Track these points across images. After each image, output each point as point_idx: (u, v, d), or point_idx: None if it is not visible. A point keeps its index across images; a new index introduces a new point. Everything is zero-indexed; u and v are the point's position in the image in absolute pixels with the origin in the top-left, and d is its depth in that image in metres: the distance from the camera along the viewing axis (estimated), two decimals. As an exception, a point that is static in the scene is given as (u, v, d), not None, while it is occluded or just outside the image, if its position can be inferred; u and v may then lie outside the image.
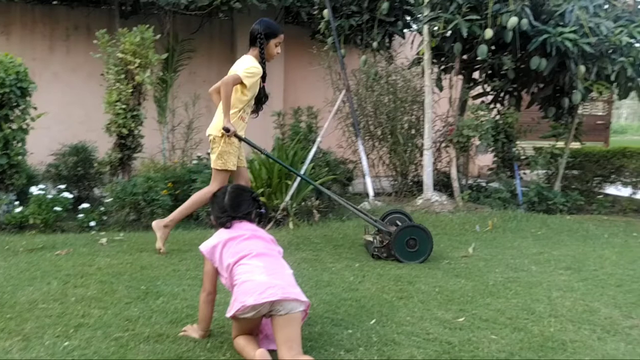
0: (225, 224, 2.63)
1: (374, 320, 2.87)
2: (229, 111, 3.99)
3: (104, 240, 4.53)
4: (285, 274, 2.50)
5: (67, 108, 8.12)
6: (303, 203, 5.45)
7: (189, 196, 5.67)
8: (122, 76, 5.59)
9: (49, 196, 5.07)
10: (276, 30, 4.17)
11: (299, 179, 5.35)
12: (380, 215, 4.62)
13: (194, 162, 6.47)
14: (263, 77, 4.14)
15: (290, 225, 5.16)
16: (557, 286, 3.55)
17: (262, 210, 2.79)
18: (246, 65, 4.02)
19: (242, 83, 4.00)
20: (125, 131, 5.65)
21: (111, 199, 5.26)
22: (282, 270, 2.51)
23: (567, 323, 2.90)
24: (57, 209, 5.00)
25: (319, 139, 6.05)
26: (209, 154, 4.40)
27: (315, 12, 7.25)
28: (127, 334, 2.63)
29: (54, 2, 8.43)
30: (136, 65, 5.56)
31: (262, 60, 4.11)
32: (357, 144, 6.71)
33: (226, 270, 2.52)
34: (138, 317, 2.84)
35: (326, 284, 3.49)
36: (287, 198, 5.29)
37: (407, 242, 4.09)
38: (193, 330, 2.66)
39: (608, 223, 5.84)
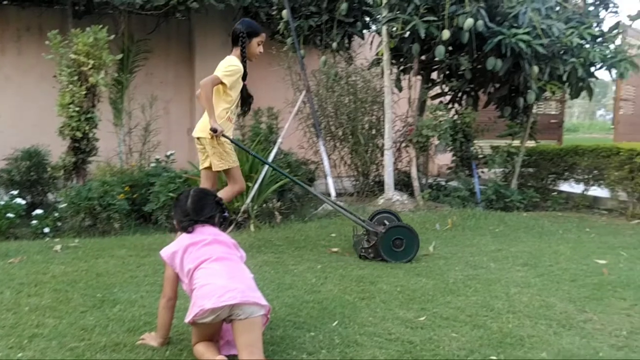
0: (187, 228, 2.58)
1: (336, 322, 2.87)
2: (213, 112, 3.98)
3: (58, 247, 4.39)
4: (246, 277, 2.47)
5: (19, 111, 7.84)
6: (264, 205, 5.41)
7: (148, 200, 5.59)
8: (75, 78, 5.44)
9: (1, 202, 4.90)
10: (258, 29, 4.24)
11: (259, 180, 5.31)
12: (369, 216, 4.66)
13: (152, 165, 6.35)
14: (244, 77, 4.16)
15: (252, 227, 5.12)
16: (514, 282, 3.62)
17: (226, 214, 2.75)
18: (224, 65, 4.06)
19: (223, 83, 4.02)
20: (79, 134, 5.50)
21: (65, 205, 5.11)
22: (243, 274, 2.48)
23: (525, 319, 2.96)
24: (10, 215, 4.83)
25: (279, 140, 6.02)
26: (201, 154, 4.25)
27: (274, 13, 7.21)
28: (83, 343, 2.56)
29: (4, 2, 8.12)
30: (90, 66, 5.41)
31: (244, 59, 4.14)
32: (319, 144, 6.70)
33: (186, 276, 2.47)
34: (94, 326, 2.76)
35: (288, 286, 3.46)
36: (248, 200, 5.23)
37: (394, 242, 4.13)
38: (151, 338, 2.59)
39: (562, 219, 6.01)
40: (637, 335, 2.74)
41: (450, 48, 6.30)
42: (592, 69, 6.42)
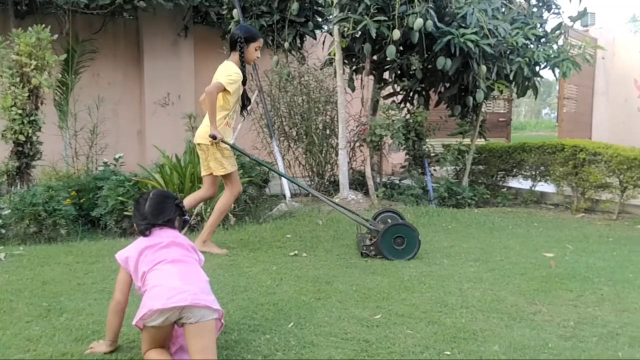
0: (144, 231, 2.53)
1: (292, 324, 2.84)
2: (215, 119, 4.12)
3: (2, 255, 4.19)
4: (199, 280, 2.42)
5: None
6: (218, 207, 5.31)
7: (96, 205, 5.42)
8: (18, 79, 5.23)
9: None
10: (255, 34, 4.37)
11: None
12: (372, 215, 4.68)
13: (100, 168, 6.16)
14: (243, 81, 4.31)
15: (205, 230, 5.02)
16: (467, 278, 3.69)
17: (186, 217, 2.71)
18: (228, 72, 4.17)
19: (225, 90, 4.14)
20: (22, 138, 5.29)
21: (9, 211, 4.89)
22: (196, 277, 2.42)
23: (477, 313, 3.02)
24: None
25: (232, 141, 5.93)
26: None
27: (225, 12, 7.11)
28: (28, 354, 2.45)
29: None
30: (32, 67, 5.21)
31: (242, 64, 4.28)
32: (272, 145, 6.67)
33: (140, 279, 2.41)
34: (40, 337, 2.64)
35: (243, 289, 3.41)
36: (201, 203, 5.13)
37: (395, 240, 4.15)
38: (100, 346, 2.51)
39: (512, 215, 6.17)
40: (584, 325, 2.83)
41: (401, 48, 6.38)
42: (537, 68, 6.62)
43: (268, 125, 6.63)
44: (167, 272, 2.36)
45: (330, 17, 6.41)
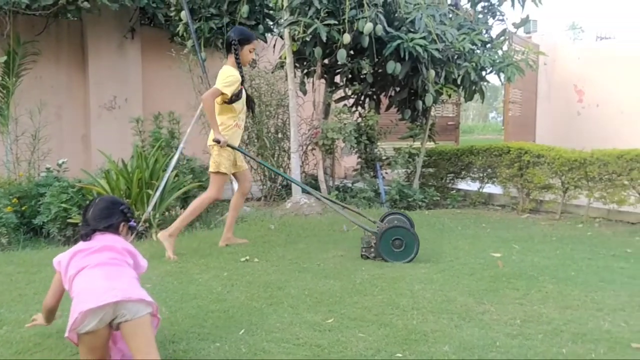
0: (85, 236, 2.49)
1: (243, 330, 2.79)
2: (216, 124, 4.33)
3: None
4: (126, 276, 2.37)
5: None
6: (167, 213, 5.20)
7: (38, 212, 5.20)
8: (-47, 82, 4.97)
9: None
10: (249, 36, 4.51)
11: (161, 187, 5.10)
12: (380, 217, 4.70)
13: (42, 174, 5.91)
14: (242, 82, 4.44)
15: (154, 236, 4.90)
16: (418, 279, 3.72)
17: (132, 223, 2.65)
18: (224, 76, 4.32)
19: (223, 94, 4.28)
20: (-43, 143, 5.02)
21: (-57, 220, 4.63)
22: (123, 275, 2.37)
23: (428, 314, 3.05)
24: None
25: (181, 145, 5.82)
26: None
27: (173, 14, 6.98)
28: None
29: None
30: (-32, 69, 4.96)
31: (239, 65, 4.42)
32: (223, 149, 6.57)
33: (68, 282, 2.38)
34: (-25, 353, 2.50)
35: (192, 296, 3.34)
36: (149, 208, 5.01)
37: (393, 242, 4.13)
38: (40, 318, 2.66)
39: (461, 216, 6.29)
40: (530, 323, 2.90)
41: (351, 52, 6.43)
42: (483, 73, 6.80)
43: (219, 129, 6.52)
44: (91, 275, 2.33)
45: (281, 20, 6.38)
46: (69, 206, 4.98)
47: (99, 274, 2.31)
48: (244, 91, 4.49)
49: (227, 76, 4.30)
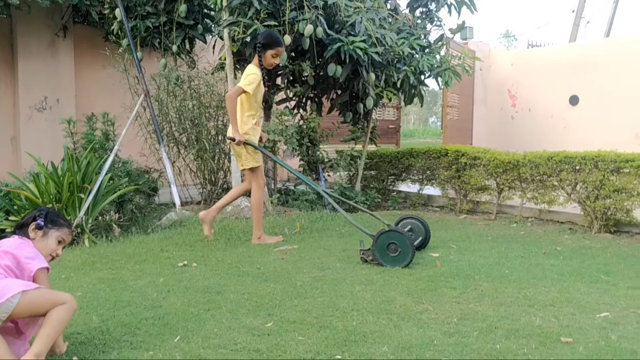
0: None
1: (178, 337, 2.70)
2: (236, 122, 4.55)
3: None
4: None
5: None
6: (100, 218, 5.00)
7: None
8: None
9: None
10: (274, 42, 4.68)
11: (94, 191, 4.90)
12: (395, 220, 4.67)
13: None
14: (263, 82, 4.69)
15: (86, 242, 4.69)
16: (359, 280, 3.73)
17: (40, 222, 2.55)
18: (245, 74, 4.59)
19: (246, 92, 4.51)
20: None
21: None
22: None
23: (368, 315, 3.05)
24: None
25: (116, 147, 5.63)
26: None
27: (107, 12, 6.73)
28: None
29: None
30: None
31: (261, 66, 4.66)
32: (161, 151, 6.40)
33: None
34: None
35: (126, 303, 3.20)
36: (81, 213, 4.80)
37: (388, 247, 4.05)
38: None
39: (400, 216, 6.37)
40: (466, 321, 2.95)
41: (292, 54, 6.39)
42: (422, 77, 6.94)
43: (156, 130, 6.35)
44: None
45: (221, 20, 6.28)
46: (-8, 212, 4.69)
47: None
48: (263, 90, 4.75)
49: (248, 74, 4.55)
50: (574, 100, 9.98)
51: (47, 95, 8.05)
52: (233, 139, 4.54)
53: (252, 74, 4.56)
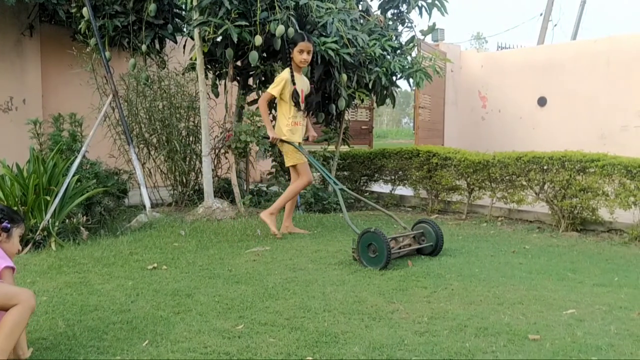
0: None
1: (146, 342, 2.65)
2: (268, 122, 5.01)
3: None
4: None
5: None
6: (67, 221, 4.89)
7: None
8: None
9: None
10: (297, 39, 5.01)
11: (61, 193, 4.79)
12: (412, 223, 4.73)
13: None
14: (293, 81, 4.93)
15: (53, 246, 4.58)
16: (331, 281, 3.72)
17: (6, 224, 2.49)
18: (276, 78, 5.00)
19: (273, 95, 4.89)
20: None
21: None
22: None
23: (340, 315, 3.05)
24: None
25: (84, 149, 5.52)
26: None
27: (74, 11, 6.59)
28: None
29: None
30: None
31: (291, 67, 4.95)
32: (130, 152, 6.30)
33: None
34: None
35: (93, 308, 3.14)
36: (48, 216, 4.69)
37: (369, 247, 4.05)
38: None
39: (374, 217, 6.40)
40: (436, 320, 2.97)
41: (264, 54, 6.36)
42: (394, 78, 6.97)
43: (125, 131, 6.25)
44: None
45: (191, 20, 6.22)
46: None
47: None
48: (296, 91, 4.95)
49: (276, 78, 4.95)
50: (542, 101, 10.17)
51: (12, 96, 7.86)
52: (267, 138, 5.00)
53: (278, 77, 4.93)
